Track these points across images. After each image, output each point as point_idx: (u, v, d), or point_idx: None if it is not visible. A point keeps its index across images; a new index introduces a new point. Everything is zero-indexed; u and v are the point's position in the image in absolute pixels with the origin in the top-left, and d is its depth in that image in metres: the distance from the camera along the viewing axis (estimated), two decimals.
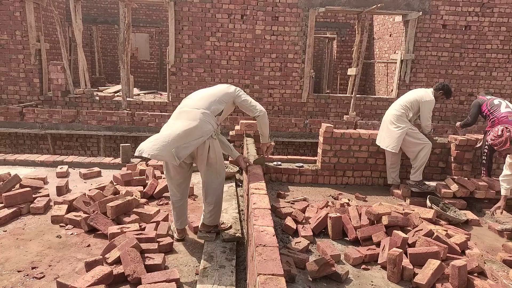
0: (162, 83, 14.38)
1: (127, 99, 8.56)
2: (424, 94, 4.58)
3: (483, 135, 5.10)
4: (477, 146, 4.94)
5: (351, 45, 12.74)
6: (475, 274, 2.77)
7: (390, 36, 11.14)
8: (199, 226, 3.18)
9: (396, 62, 9.12)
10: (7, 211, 3.46)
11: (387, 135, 4.63)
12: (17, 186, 3.94)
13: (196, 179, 4.34)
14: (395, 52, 10.00)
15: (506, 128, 3.62)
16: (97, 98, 8.66)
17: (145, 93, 12.15)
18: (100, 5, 13.79)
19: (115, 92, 10.70)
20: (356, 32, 8.89)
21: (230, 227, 3.26)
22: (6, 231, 3.26)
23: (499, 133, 3.61)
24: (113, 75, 15.03)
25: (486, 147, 4.92)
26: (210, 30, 8.35)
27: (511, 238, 3.65)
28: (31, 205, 3.64)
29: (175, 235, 3.18)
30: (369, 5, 8.15)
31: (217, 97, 3.02)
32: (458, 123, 5.53)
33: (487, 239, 3.63)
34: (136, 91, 11.91)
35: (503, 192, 3.79)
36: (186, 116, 2.88)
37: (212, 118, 2.92)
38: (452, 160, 4.89)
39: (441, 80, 8.72)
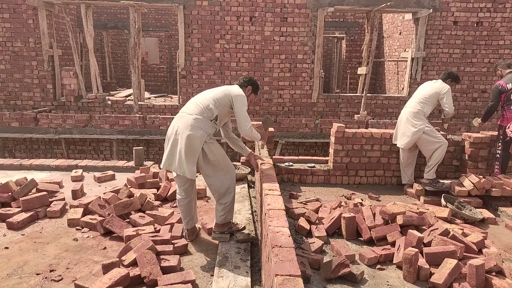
0: (172, 86, 14.49)
1: (139, 103, 8.64)
2: (440, 85, 4.64)
3: (497, 130, 5.00)
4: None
5: (360, 44, 12.68)
6: (493, 273, 2.73)
7: (400, 34, 11.05)
8: (213, 227, 3.21)
9: (406, 60, 9.04)
10: (24, 215, 3.53)
11: (403, 133, 4.62)
12: (34, 190, 4.01)
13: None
14: (405, 50, 9.91)
15: None
16: (109, 102, 8.77)
17: (155, 97, 12.24)
18: (110, 10, 13.96)
19: (127, 96, 10.81)
20: (366, 31, 8.83)
21: (244, 228, 3.27)
22: (24, 234, 3.33)
23: None
24: (123, 79, 15.20)
25: (500, 141, 4.84)
26: (219, 33, 8.39)
27: None
28: (48, 209, 3.70)
29: (187, 239, 3.21)
30: (378, 3, 8.09)
31: (212, 101, 3.03)
32: (479, 120, 5.20)
33: (504, 237, 3.57)
34: (147, 94, 12.02)
35: None
36: (181, 122, 2.97)
37: (205, 122, 2.96)
38: (467, 158, 4.83)
39: None
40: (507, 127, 4.09)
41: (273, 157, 5.06)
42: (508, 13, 8.32)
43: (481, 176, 4.32)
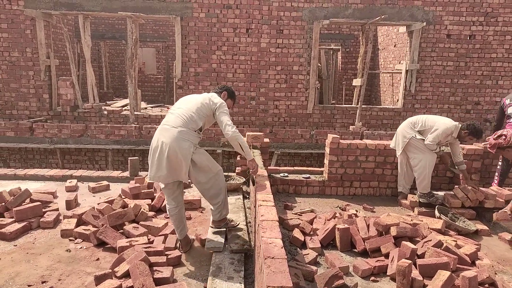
0: (169, 96, 14.53)
1: (135, 113, 8.66)
2: (447, 122, 4.37)
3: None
4: None
5: (355, 56, 12.82)
6: (486, 285, 2.74)
7: (395, 46, 11.19)
8: (210, 223, 3.34)
9: (401, 72, 9.14)
10: (17, 226, 3.51)
11: (394, 140, 4.75)
12: (27, 200, 3.99)
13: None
14: (400, 62, 10.02)
15: (504, 135, 3.99)
16: (105, 112, 8.77)
17: (152, 107, 12.28)
18: (108, 21, 14.06)
19: (123, 106, 10.83)
20: (361, 43, 8.94)
21: (238, 224, 3.45)
22: (16, 245, 3.30)
23: (495, 136, 4.08)
24: (120, 89, 15.23)
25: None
26: (216, 44, 8.46)
27: None
28: (41, 219, 3.68)
29: (180, 250, 3.21)
30: (373, 16, 8.21)
31: (195, 112, 3.04)
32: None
33: (498, 249, 3.59)
34: (143, 104, 12.05)
35: None
36: (166, 135, 2.94)
37: (190, 134, 2.98)
38: None
39: (446, 89, 8.72)
40: (493, 134, 4.31)
41: (269, 167, 5.08)
42: (500, 27, 8.47)
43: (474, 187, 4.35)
